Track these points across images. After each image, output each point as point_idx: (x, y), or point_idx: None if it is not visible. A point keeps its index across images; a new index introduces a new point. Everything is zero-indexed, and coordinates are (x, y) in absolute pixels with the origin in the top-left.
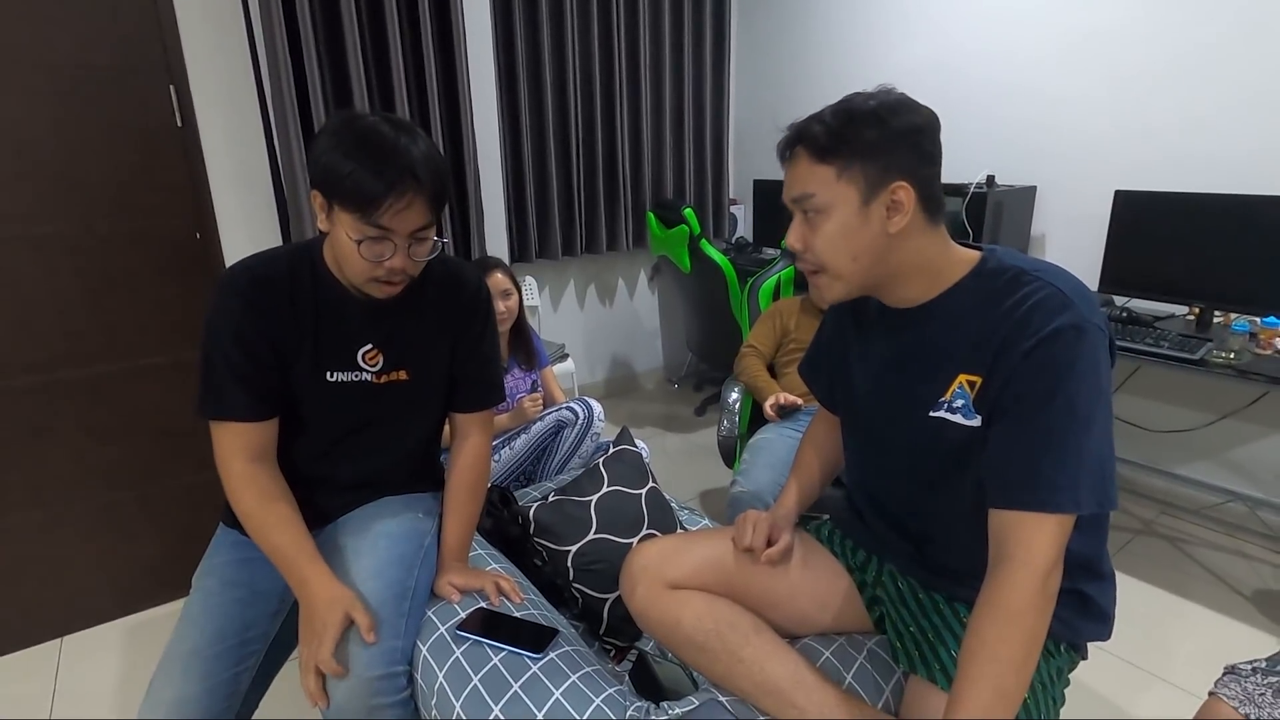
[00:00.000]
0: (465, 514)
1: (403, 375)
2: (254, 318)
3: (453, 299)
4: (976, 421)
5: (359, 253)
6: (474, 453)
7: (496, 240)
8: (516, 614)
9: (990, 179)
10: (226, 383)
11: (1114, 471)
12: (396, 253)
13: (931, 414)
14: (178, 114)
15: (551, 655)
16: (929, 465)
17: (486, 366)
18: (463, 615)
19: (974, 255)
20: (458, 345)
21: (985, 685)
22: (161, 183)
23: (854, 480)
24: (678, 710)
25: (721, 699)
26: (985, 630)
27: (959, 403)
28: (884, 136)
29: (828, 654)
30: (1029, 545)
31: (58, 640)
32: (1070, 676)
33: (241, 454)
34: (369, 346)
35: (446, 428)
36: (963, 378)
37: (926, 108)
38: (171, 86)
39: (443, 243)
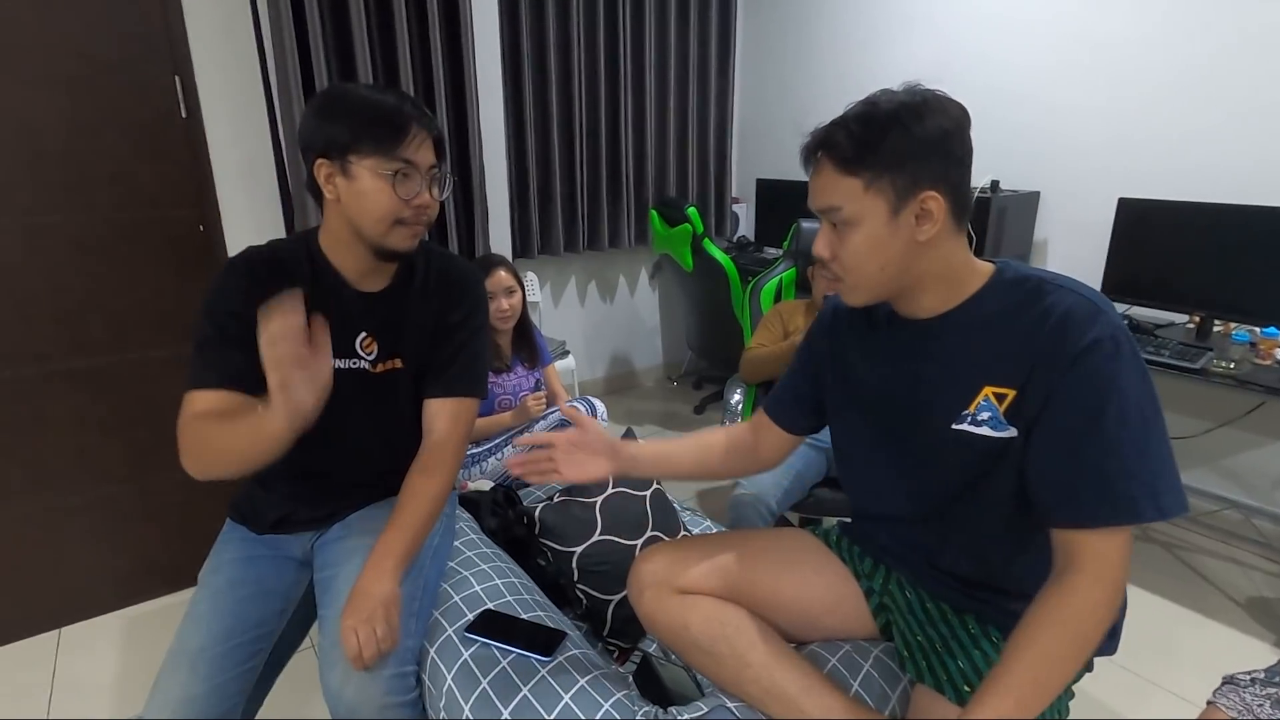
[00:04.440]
0: (400, 520)
1: (397, 364)
2: (252, 297)
3: (441, 288)
4: (1010, 432)
5: (392, 191)
6: (430, 450)
7: (500, 235)
8: (524, 616)
9: (995, 184)
10: (218, 352)
11: (1176, 472)
12: (423, 189)
13: (954, 427)
14: (182, 104)
15: (560, 658)
16: (952, 477)
17: (461, 351)
18: (470, 616)
19: (989, 266)
20: (437, 329)
21: (1024, 676)
22: (165, 174)
23: (859, 495)
24: (686, 715)
25: (729, 705)
26: (1038, 629)
27: (984, 415)
28: (911, 145)
29: (834, 660)
30: (1103, 559)
31: (56, 631)
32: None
33: (203, 413)
34: (364, 334)
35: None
36: (989, 390)
37: (956, 104)
38: (176, 76)
39: (452, 178)
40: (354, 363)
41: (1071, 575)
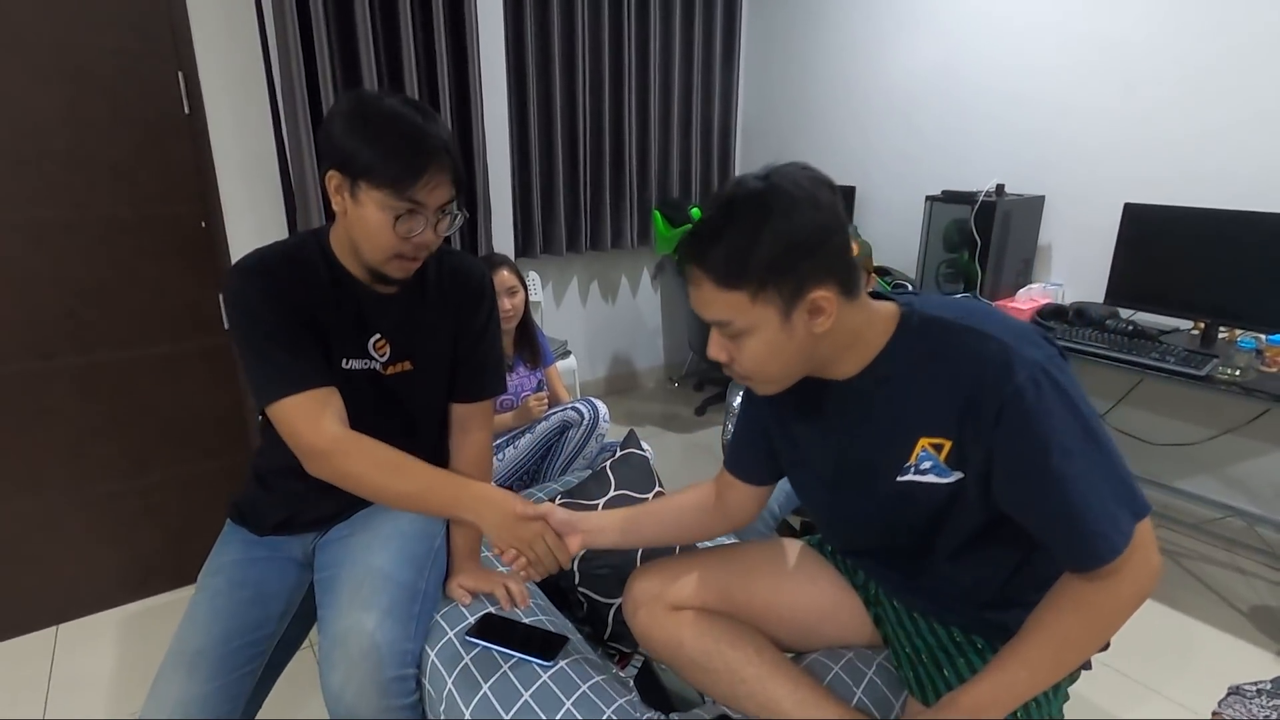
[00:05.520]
0: None
1: (407, 366)
2: (282, 294)
3: (456, 290)
4: (955, 476)
5: (393, 229)
6: (476, 448)
7: (502, 234)
8: (525, 620)
9: (1000, 188)
10: (284, 359)
11: (1130, 475)
12: (426, 227)
13: (899, 479)
14: (185, 100)
15: (561, 663)
16: (909, 521)
17: (488, 355)
18: (471, 620)
19: (893, 310)
20: (460, 335)
21: (1042, 653)
22: (168, 169)
23: (826, 532)
24: None
25: (731, 714)
26: (1061, 614)
27: (926, 464)
28: (789, 251)
29: (837, 669)
30: (1124, 564)
31: (54, 627)
32: (1069, 690)
33: (327, 417)
34: (378, 336)
35: None
36: (925, 442)
37: (823, 185)
38: (180, 72)
39: (464, 215)
40: (365, 364)
41: (1099, 574)
